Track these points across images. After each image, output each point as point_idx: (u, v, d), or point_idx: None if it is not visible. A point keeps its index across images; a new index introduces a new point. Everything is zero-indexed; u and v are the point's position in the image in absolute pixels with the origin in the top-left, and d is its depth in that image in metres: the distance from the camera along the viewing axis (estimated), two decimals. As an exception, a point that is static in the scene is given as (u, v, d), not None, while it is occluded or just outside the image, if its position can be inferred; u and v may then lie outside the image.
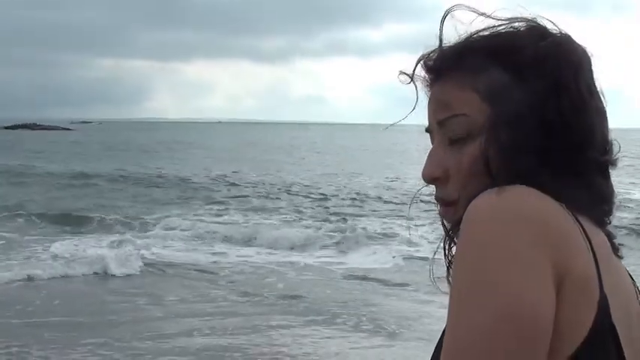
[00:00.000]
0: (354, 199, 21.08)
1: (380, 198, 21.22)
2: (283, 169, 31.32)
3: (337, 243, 13.88)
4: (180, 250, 13.38)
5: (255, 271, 11.65)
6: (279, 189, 23.47)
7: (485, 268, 0.86)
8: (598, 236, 0.96)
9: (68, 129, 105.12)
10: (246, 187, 23.88)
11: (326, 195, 22.00)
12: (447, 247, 1.05)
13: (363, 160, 40.45)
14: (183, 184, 24.55)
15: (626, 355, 0.93)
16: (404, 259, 12.68)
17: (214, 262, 12.43)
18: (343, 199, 21.40)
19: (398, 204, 19.61)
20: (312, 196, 21.83)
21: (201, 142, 61.04)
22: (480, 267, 0.86)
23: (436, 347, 1.00)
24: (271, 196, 21.96)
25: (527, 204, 0.89)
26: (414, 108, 1.09)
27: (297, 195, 22.07)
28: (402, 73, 1.09)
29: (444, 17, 1.04)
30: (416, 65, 1.07)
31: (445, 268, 1.06)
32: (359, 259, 12.70)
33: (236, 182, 25.04)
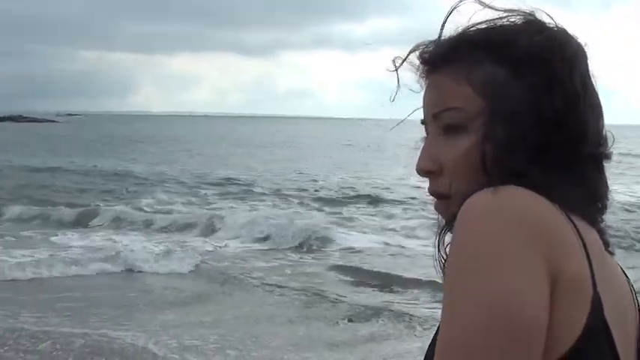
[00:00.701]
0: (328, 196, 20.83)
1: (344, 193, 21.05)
2: (265, 165, 31.15)
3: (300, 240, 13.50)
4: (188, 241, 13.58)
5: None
6: (253, 184, 23.42)
7: (480, 267, 0.86)
8: (591, 234, 0.96)
9: (54, 121, 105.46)
10: (221, 183, 23.79)
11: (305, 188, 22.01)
12: (440, 243, 1.04)
13: (340, 155, 40.27)
14: (158, 177, 24.76)
15: (619, 352, 0.93)
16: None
17: (212, 251, 12.68)
18: (327, 188, 21.38)
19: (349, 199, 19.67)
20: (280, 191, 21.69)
21: (183, 137, 60.88)
22: (474, 266, 0.86)
23: (430, 344, 1.00)
24: (243, 189, 21.97)
25: (521, 204, 0.89)
26: (393, 99, 1.09)
27: (260, 189, 22.03)
28: (391, 70, 1.08)
29: (450, 12, 1.04)
30: (408, 54, 1.07)
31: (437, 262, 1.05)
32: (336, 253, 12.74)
33: (213, 178, 25.03)
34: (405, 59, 1.07)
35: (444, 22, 1.04)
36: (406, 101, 1.09)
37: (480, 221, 0.88)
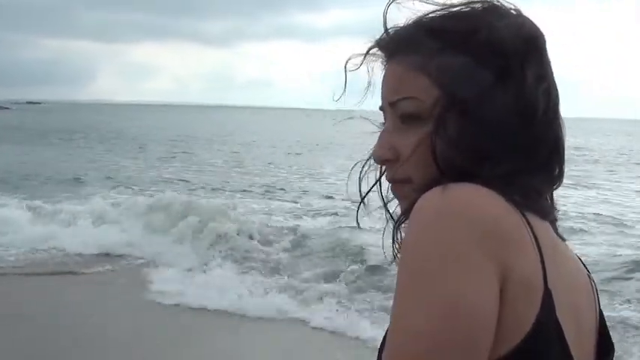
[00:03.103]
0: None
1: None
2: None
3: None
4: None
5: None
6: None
7: (427, 271, 0.85)
8: (544, 229, 0.95)
9: (7, 108, 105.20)
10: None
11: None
12: (396, 235, 1.04)
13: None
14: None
15: (572, 348, 0.92)
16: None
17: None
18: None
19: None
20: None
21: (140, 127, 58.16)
22: (422, 270, 0.86)
23: (383, 339, 0.99)
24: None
25: (471, 204, 0.88)
26: (344, 92, 1.08)
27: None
28: (351, 70, 1.06)
29: (389, 4, 1.02)
30: (367, 51, 1.05)
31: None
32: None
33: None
34: (365, 55, 1.05)
35: (386, 13, 1.02)
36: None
37: (428, 223, 0.87)
